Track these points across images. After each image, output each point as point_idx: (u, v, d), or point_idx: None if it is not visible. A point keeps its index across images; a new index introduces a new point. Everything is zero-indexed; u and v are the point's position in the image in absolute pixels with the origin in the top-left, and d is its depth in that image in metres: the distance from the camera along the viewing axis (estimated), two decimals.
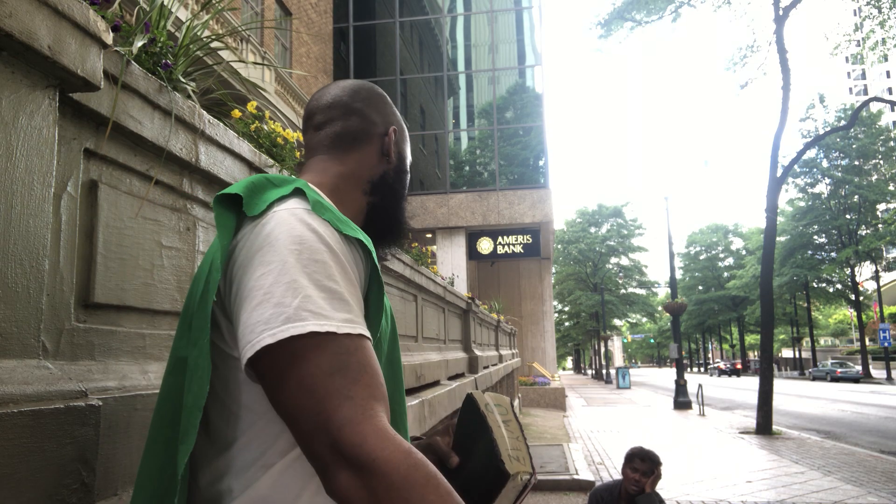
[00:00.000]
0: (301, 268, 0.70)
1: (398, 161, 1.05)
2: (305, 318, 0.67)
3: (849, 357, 54.37)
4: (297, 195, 0.81)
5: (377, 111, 1.03)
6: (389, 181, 1.02)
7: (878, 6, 14.61)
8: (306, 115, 1.04)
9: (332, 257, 0.73)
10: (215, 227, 0.75)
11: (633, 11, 16.56)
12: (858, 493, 6.46)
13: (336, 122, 1.00)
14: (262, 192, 0.82)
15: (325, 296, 0.70)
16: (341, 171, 0.97)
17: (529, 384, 18.20)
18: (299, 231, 0.74)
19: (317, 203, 0.79)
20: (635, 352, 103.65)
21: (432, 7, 20.88)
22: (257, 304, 0.69)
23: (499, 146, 18.94)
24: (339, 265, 0.74)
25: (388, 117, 1.04)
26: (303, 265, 0.71)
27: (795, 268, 36.26)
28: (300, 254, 0.71)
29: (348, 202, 0.97)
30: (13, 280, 0.85)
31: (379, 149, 1.01)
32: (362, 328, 0.71)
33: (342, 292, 0.72)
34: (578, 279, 46.31)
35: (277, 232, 0.74)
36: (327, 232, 0.75)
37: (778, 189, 12.75)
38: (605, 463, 8.40)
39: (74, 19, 0.92)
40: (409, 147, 1.10)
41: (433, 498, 0.62)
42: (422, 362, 3.99)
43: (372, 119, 1.02)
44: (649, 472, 3.21)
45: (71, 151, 1.07)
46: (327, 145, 0.99)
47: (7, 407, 0.77)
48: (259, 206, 0.79)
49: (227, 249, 0.77)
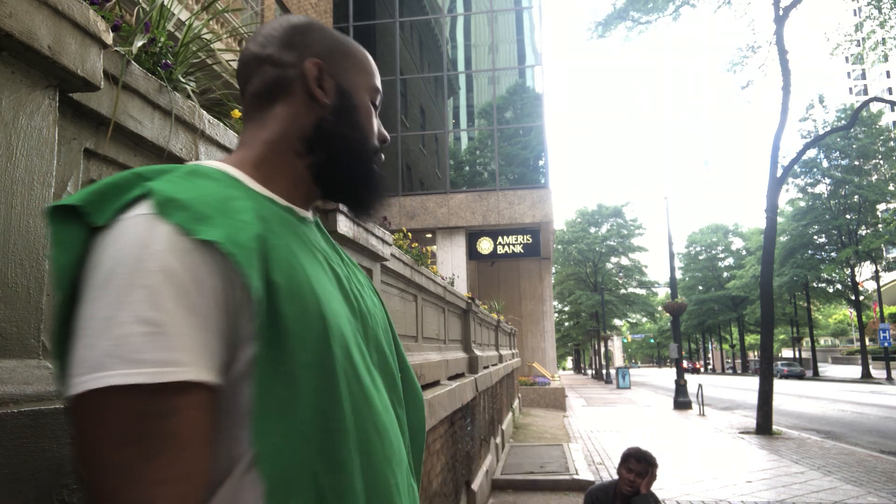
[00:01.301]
0: (120, 296, 0.57)
1: (338, 97, 0.83)
2: (110, 365, 0.55)
3: (849, 357, 54.42)
4: (148, 196, 0.63)
5: (292, 48, 0.82)
6: (329, 128, 0.81)
7: (879, 6, 14.60)
8: (238, 82, 0.88)
9: (162, 278, 0.58)
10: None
11: (633, 11, 16.57)
12: (858, 493, 6.46)
13: (252, 81, 0.83)
14: (123, 193, 0.64)
15: (146, 331, 0.56)
16: (265, 137, 0.80)
17: (529, 384, 18.21)
18: (128, 248, 0.59)
19: (165, 203, 0.62)
20: (635, 352, 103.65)
21: (432, 7, 20.88)
22: (75, 339, 0.58)
23: (499, 146, 18.94)
24: (172, 287, 0.58)
25: (308, 49, 0.82)
26: (122, 292, 0.57)
27: (795, 268, 36.27)
28: (122, 277, 0.58)
29: (280, 172, 0.80)
30: (13, 280, 0.85)
31: (304, 94, 0.81)
32: (191, 371, 0.57)
33: (168, 324, 0.57)
34: (578, 279, 46.32)
35: (110, 249, 0.60)
36: (166, 243, 0.59)
37: (778, 189, 12.75)
38: (605, 463, 8.40)
39: (74, 19, 0.92)
40: (361, 74, 0.87)
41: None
42: (422, 362, 3.99)
43: (285, 60, 0.81)
44: (644, 472, 3.21)
45: (71, 151, 1.07)
46: (248, 110, 0.83)
47: (7, 407, 0.77)
48: (105, 214, 0.62)
49: (65, 269, 0.61)
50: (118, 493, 0.54)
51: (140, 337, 0.56)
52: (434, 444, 4.02)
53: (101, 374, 0.55)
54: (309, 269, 0.71)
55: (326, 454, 0.64)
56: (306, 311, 0.66)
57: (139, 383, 0.55)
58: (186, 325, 0.58)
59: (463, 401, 4.98)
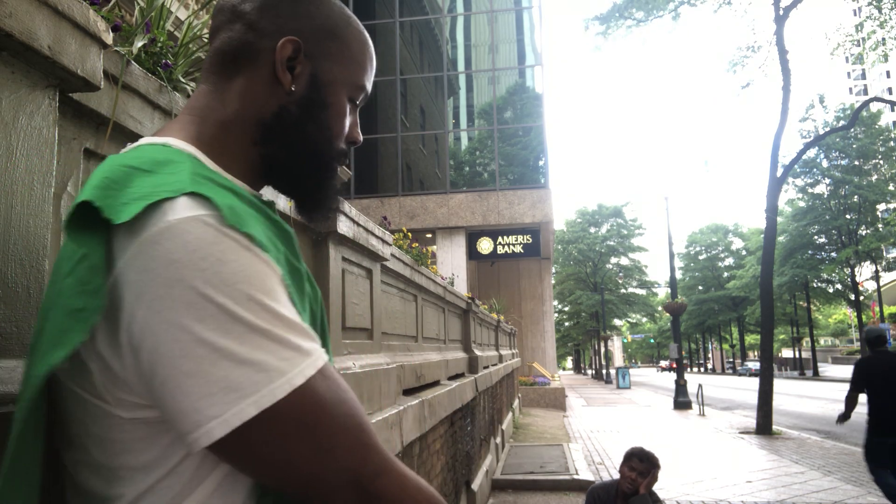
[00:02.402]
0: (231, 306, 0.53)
1: (309, 88, 0.72)
2: (297, 360, 0.55)
3: (849, 357, 54.41)
4: (191, 197, 0.56)
5: (275, 14, 0.71)
6: (289, 121, 0.71)
7: (879, 6, 14.61)
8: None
9: (272, 274, 0.58)
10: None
11: (633, 10, 16.57)
12: (858, 493, 6.46)
13: (219, 34, 0.72)
14: (126, 187, 0.57)
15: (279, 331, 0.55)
16: (223, 114, 0.70)
17: (529, 384, 18.21)
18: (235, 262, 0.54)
19: (231, 211, 0.57)
20: (635, 352, 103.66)
21: (432, 7, 20.88)
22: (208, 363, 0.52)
23: (499, 146, 18.94)
24: (275, 287, 0.57)
25: (293, 21, 0.71)
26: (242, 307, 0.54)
27: (795, 268, 36.28)
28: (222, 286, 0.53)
29: (235, 157, 0.70)
30: (13, 280, 0.85)
31: (270, 72, 0.70)
32: (322, 355, 0.59)
33: (290, 319, 0.57)
34: (578, 279, 46.33)
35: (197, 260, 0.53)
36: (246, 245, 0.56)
37: (778, 189, 12.76)
38: (605, 463, 8.40)
39: (74, 19, 0.92)
40: (347, 68, 0.75)
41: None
42: (422, 362, 3.99)
43: (261, 26, 0.70)
44: (646, 472, 3.21)
45: (71, 151, 1.07)
46: (208, 68, 0.73)
47: (7, 407, 0.77)
48: (130, 208, 0.55)
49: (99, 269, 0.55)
50: (364, 465, 0.57)
51: (284, 331, 0.55)
52: (434, 444, 4.02)
53: (302, 367, 0.55)
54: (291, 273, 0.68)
55: None
56: (304, 304, 0.68)
57: (314, 372, 0.56)
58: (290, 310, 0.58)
59: (463, 401, 4.98)
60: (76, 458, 0.62)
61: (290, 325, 0.56)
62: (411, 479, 0.60)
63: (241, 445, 0.53)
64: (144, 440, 0.58)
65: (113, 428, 0.58)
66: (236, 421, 0.51)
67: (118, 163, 0.61)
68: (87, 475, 0.61)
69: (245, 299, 0.53)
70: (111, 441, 0.58)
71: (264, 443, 0.53)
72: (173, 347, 0.51)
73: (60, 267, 0.59)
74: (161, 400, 0.53)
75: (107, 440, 0.59)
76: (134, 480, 0.58)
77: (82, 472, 0.61)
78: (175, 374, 0.51)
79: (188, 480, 0.58)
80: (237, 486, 0.61)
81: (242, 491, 0.61)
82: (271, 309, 0.55)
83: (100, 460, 0.59)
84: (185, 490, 0.58)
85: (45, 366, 0.54)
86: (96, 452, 0.59)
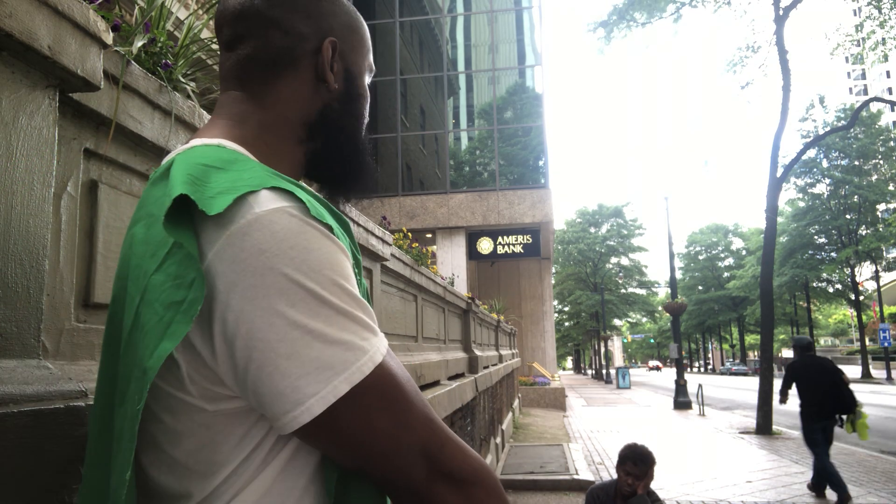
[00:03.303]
0: (320, 294, 0.56)
1: (346, 83, 0.76)
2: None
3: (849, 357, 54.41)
4: (275, 190, 0.59)
5: (306, 15, 0.73)
6: (333, 117, 0.75)
7: (879, 6, 14.61)
8: (215, 25, 0.77)
9: (347, 270, 0.61)
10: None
11: (635, 12, 16.57)
12: (858, 493, 6.46)
13: (247, 41, 0.72)
14: (207, 183, 0.59)
15: (357, 320, 0.59)
16: (264, 118, 0.72)
17: (529, 384, 18.21)
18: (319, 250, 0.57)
19: (312, 204, 0.60)
20: (635, 352, 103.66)
21: (432, 7, 20.88)
22: (301, 346, 0.54)
23: (499, 146, 18.94)
24: (350, 279, 0.61)
25: (324, 20, 0.74)
26: (322, 289, 0.57)
27: (795, 268, 36.29)
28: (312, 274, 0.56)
29: (280, 157, 0.73)
30: (13, 280, 0.85)
31: (313, 73, 0.73)
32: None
33: (365, 309, 0.61)
34: (578, 279, 46.33)
35: (286, 249, 0.55)
36: (326, 240, 0.59)
37: (778, 189, 12.76)
38: (605, 463, 8.40)
39: (74, 19, 0.92)
40: (366, 56, 0.80)
41: (507, 498, 0.65)
42: (422, 362, 3.99)
43: (297, 31, 0.72)
44: (642, 475, 3.20)
45: (71, 151, 1.07)
46: (239, 76, 0.73)
47: (7, 407, 0.77)
48: (219, 201, 0.57)
49: (193, 260, 0.56)
50: (431, 439, 0.60)
51: (357, 325, 0.58)
52: None
53: (378, 346, 0.59)
54: None
55: None
56: None
57: (381, 357, 0.59)
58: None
59: (463, 401, 4.98)
60: (149, 459, 0.63)
61: (365, 308, 0.60)
62: (467, 448, 0.64)
63: (331, 422, 0.56)
64: (222, 433, 0.60)
65: (193, 421, 0.59)
66: (332, 397, 0.55)
67: (193, 161, 0.62)
68: (158, 473, 0.62)
69: (330, 284, 0.57)
70: (189, 435, 0.60)
71: (352, 418, 0.56)
72: (269, 332, 0.54)
73: (143, 262, 0.61)
74: (257, 384, 0.55)
75: (184, 434, 0.60)
76: (207, 474, 0.60)
77: (154, 471, 0.63)
78: (273, 357, 0.54)
79: (255, 469, 0.60)
80: (298, 472, 0.62)
81: (302, 478, 0.62)
82: (351, 293, 0.59)
83: (175, 456, 0.61)
84: (252, 479, 0.60)
85: (157, 359, 0.55)
86: (171, 448, 0.61)
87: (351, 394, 0.55)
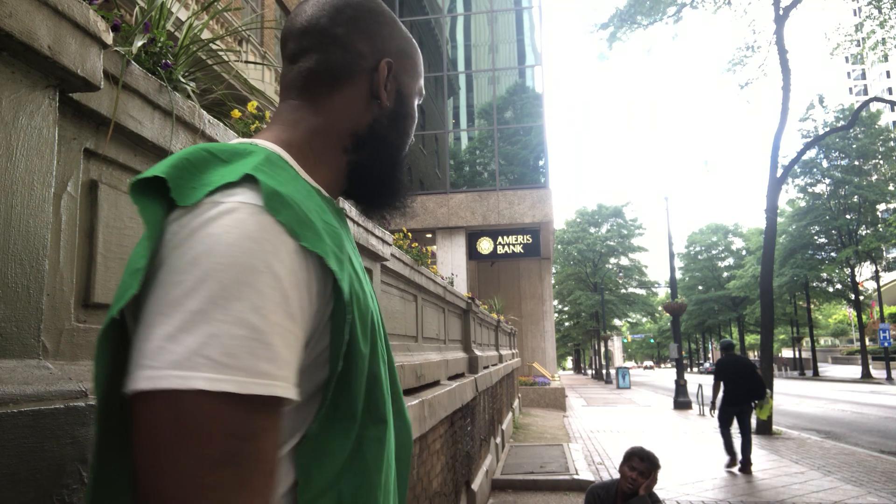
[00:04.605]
0: (219, 291, 0.51)
1: (396, 102, 0.81)
2: (198, 365, 0.49)
3: (849, 357, 54.43)
4: (249, 183, 0.59)
5: (367, 36, 0.78)
6: (381, 132, 0.79)
7: (879, 6, 14.61)
8: (282, 39, 0.82)
9: (270, 280, 0.54)
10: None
11: (637, 15, 16.57)
12: (858, 493, 6.46)
13: (310, 55, 0.77)
14: (201, 173, 0.60)
15: (243, 335, 0.51)
16: (316, 123, 0.76)
17: (529, 384, 18.21)
18: (233, 238, 0.54)
19: (272, 196, 0.58)
20: (635, 352, 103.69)
21: (432, 7, 20.89)
22: (150, 324, 0.52)
23: (499, 146, 18.94)
24: (279, 292, 0.54)
25: (382, 43, 0.80)
26: (223, 287, 0.52)
27: (795, 268, 36.28)
28: (224, 271, 0.52)
29: (324, 163, 0.76)
30: (13, 280, 0.85)
31: (367, 89, 0.78)
32: (282, 386, 0.53)
33: (269, 332, 0.52)
34: (578, 279, 46.33)
35: (205, 233, 0.54)
36: (275, 242, 0.55)
37: (778, 189, 12.76)
38: (605, 463, 8.40)
39: (74, 19, 0.92)
40: (417, 80, 0.85)
41: None
42: (422, 362, 3.99)
43: (357, 49, 0.78)
44: (647, 472, 3.20)
45: (71, 151, 1.07)
46: (300, 86, 0.78)
47: (7, 407, 0.77)
48: (194, 194, 0.58)
49: (151, 249, 0.56)
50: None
51: (237, 340, 0.51)
52: (434, 444, 4.02)
53: (186, 374, 0.49)
54: (360, 272, 0.71)
55: (358, 462, 0.65)
56: (366, 324, 0.66)
57: (230, 391, 0.50)
58: (285, 335, 0.54)
59: (463, 401, 4.98)
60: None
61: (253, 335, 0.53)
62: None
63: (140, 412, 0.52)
64: None
65: None
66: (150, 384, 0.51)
67: (202, 146, 0.64)
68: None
69: (231, 286, 0.53)
70: None
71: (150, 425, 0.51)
72: (156, 288, 0.54)
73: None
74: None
75: None
76: None
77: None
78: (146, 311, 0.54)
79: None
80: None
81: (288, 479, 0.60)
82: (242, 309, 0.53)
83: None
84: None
85: (112, 311, 0.56)
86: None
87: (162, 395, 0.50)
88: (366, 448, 0.66)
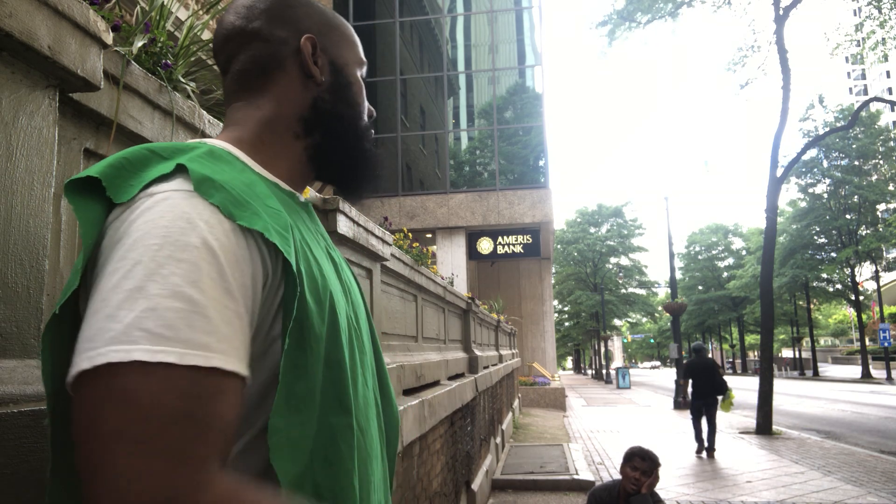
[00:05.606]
0: (155, 268, 0.52)
1: (332, 75, 0.80)
2: (136, 339, 0.49)
3: (849, 357, 54.42)
4: (181, 173, 0.61)
5: (283, 22, 0.79)
6: (325, 107, 0.79)
7: (879, 6, 14.60)
8: (213, 56, 0.83)
9: (205, 255, 0.54)
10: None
11: (636, 13, 16.57)
12: (858, 493, 6.46)
13: (237, 57, 0.79)
14: (139, 171, 0.62)
15: (180, 307, 0.51)
16: (260, 117, 0.77)
17: (529, 384, 18.21)
18: (167, 220, 0.55)
19: (203, 181, 0.59)
20: (635, 352, 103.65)
21: (432, 7, 20.88)
22: (91, 312, 0.52)
23: (499, 146, 18.94)
24: (215, 267, 0.55)
25: (300, 23, 0.79)
26: (158, 265, 0.52)
27: (795, 268, 36.27)
28: (159, 249, 0.53)
29: (280, 156, 0.77)
30: (13, 280, 0.85)
31: (299, 72, 0.78)
32: (221, 358, 0.53)
33: (206, 305, 0.53)
34: (578, 279, 46.32)
35: (140, 221, 0.56)
36: (209, 221, 0.57)
37: (778, 189, 12.76)
38: (605, 463, 8.40)
39: (74, 19, 0.92)
40: (351, 49, 0.84)
41: None
42: (422, 362, 3.99)
43: (277, 36, 0.78)
44: (649, 471, 3.20)
45: (71, 151, 1.07)
46: (237, 88, 0.79)
47: (7, 407, 0.77)
48: (131, 190, 0.59)
49: (90, 248, 0.58)
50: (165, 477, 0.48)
51: (174, 313, 0.51)
52: (434, 444, 4.02)
53: (125, 347, 0.49)
54: (320, 259, 0.71)
55: (328, 450, 0.64)
56: (322, 306, 0.66)
57: (169, 361, 0.50)
58: (223, 310, 0.54)
59: (463, 401, 4.98)
60: None
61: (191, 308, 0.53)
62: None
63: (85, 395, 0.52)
64: None
65: None
66: (91, 363, 0.51)
67: (144, 146, 0.65)
68: None
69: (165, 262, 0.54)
70: None
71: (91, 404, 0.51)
72: (98, 281, 0.55)
73: None
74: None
75: None
76: None
77: None
78: (89, 304, 0.55)
79: None
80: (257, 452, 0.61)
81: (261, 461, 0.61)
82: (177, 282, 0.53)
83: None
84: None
85: (55, 307, 0.58)
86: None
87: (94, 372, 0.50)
88: (339, 437, 0.65)
